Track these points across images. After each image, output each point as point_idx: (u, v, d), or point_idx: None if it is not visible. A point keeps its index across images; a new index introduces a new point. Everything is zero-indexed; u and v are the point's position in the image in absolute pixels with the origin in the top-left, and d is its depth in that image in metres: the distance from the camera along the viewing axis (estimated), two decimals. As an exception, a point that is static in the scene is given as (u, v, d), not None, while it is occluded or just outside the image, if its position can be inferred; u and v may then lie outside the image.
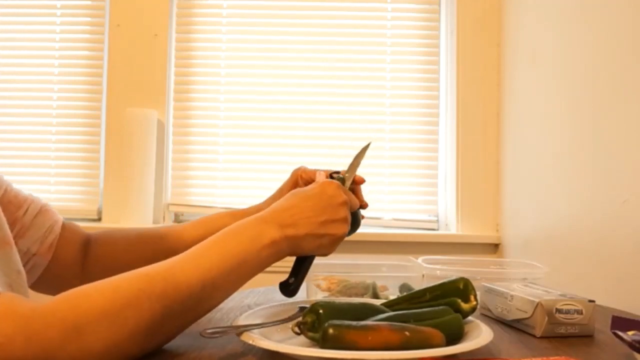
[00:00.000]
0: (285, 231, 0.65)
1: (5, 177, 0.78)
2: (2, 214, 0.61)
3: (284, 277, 0.73)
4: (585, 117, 1.27)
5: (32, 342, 0.44)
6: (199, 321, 0.72)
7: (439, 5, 1.97)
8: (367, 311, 0.67)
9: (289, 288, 0.71)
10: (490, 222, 1.85)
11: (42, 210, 0.81)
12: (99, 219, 1.92)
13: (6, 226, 0.61)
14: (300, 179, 0.89)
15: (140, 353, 0.53)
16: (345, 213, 0.70)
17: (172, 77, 1.97)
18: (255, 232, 0.63)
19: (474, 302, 0.69)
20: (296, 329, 0.61)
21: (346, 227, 0.70)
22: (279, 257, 0.66)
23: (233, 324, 0.63)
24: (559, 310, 0.70)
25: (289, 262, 0.72)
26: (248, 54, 1.98)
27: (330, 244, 0.69)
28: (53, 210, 0.83)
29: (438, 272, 0.94)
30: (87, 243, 0.84)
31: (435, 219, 1.95)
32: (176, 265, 0.57)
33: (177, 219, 1.97)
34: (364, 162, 0.85)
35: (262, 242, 0.63)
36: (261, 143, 1.94)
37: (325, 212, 0.68)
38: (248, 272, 0.62)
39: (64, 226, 0.83)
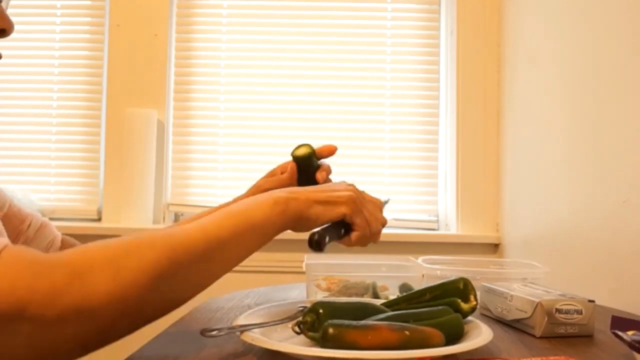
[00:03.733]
0: (289, 195, 0.65)
1: (8, 190, 0.81)
2: (1, 226, 0.62)
3: (284, 277, 0.74)
4: (585, 117, 1.27)
5: (38, 282, 0.45)
6: (199, 321, 0.72)
7: (439, 5, 1.97)
8: (367, 311, 0.67)
9: (313, 239, 0.68)
10: (490, 222, 1.85)
11: (43, 225, 0.86)
12: (99, 219, 1.92)
13: (5, 235, 0.63)
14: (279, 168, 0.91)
15: (150, 301, 0.52)
16: (346, 186, 0.71)
17: (172, 77, 1.97)
18: (259, 197, 0.64)
19: (474, 302, 0.69)
20: (296, 329, 0.61)
21: (352, 194, 0.69)
22: (287, 218, 0.64)
23: (233, 324, 0.63)
24: (558, 310, 0.70)
25: (289, 262, 0.72)
26: (248, 54, 1.98)
27: (338, 205, 0.68)
28: (52, 226, 0.89)
29: (438, 272, 0.94)
30: None
31: (435, 219, 1.95)
32: (179, 227, 0.58)
33: (177, 219, 1.97)
34: (363, 161, 0.85)
35: (266, 201, 0.63)
36: (261, 143, 1.94)
37: (325, 187, 0.71)
38: (254, 230, 0.61)
39: (63, 240, 0.89)
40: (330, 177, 0.89)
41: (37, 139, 1.97)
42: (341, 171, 0.98)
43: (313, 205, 0.66)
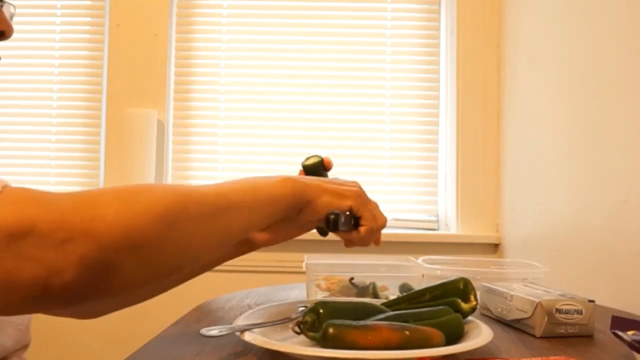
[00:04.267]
0: (301, 180, 0.67)
1: (4, 178, 0.80)
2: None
3: (284, 277, 0.74)
4: (585, 117, 1.27)
5: (46, 206, 0.46)
6: (199, 321, 0.72)
7: (439, 5, 1.97)
8: (367, 311, 0.67)
9: (329, 217, 0.67)
10: (490, 222, 1.85)
11: None
12: (99, 219, 1.92)
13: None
14: None
15: (160, 241, 0.50)
16: (352, 183, 0.72)
17: (172, 77, 1.97)
18: (270, 176, 0.65)
19: (474, 302, 0.69)
20: (296, 329, 0.61)
21: (357, 190, 0.70)
22: (294, 197, 0.64)
23: (233, 324, 0.63)
24: (558, 310, 0.70)
25: (289, 262, 0.72)
26: (248, 54, 1.98)
27: (343, 197, 0.69)
28: None
29: (438, 272, 0.94)
30: None
31: (435, 219, 1.95)
32: (187, 185, 0.59)
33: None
34: (363, 161, 0.86)
35: (272, 180, 0.64)
36: (261, 143, 1.94)
37: (336, 181, 0.72)
38: (262, 202, 0.62)
39: None
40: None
41: (37, 139, 1.97)
42: (341, 171, 0.98)
43: (322, 194, 0.67)
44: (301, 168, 0.87)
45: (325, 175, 0.87)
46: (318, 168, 0.85)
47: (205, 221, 0.55)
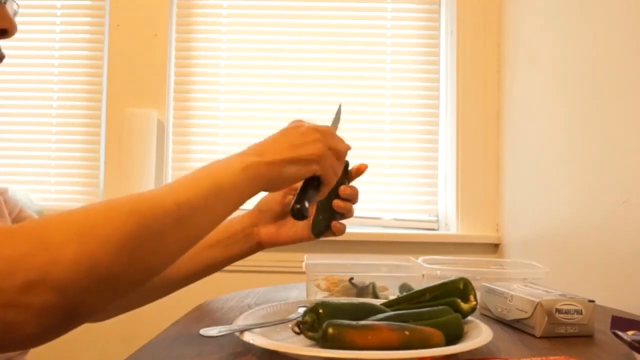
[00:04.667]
0: (260, 158, 0.64)
1: (4, 178, 0.80)
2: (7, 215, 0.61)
3: (284, 277, 0.74)
4: (585, 117, 1.27)
5: None
6: (199, 321, 0.72)
7: (439, 5, 1.97)
8: (367, 311, 0.67)
9: (293, 210, 0.69)
10: (490, 222, 1.85)
11: None
12: (99, 219, 1.92)
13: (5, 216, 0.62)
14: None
15: (121, 271, 0.48)
16: (314, 136, 0.69)
17: (172, 77, 1.97)
18: (228, 160, 0.63)
19: (474, 302, 0.69)
20: (296, 329, 0.61)
21: (321, 146, 0.68)
22: (259, 183, 0.63)
23: (233, 324, 0.63)
24: (558, 310, 0.70)
25: (289, 262, 0.72)
26: (248, 54, 1.98)
27: (309, 163, 0.67)
28: None
29: (438, 272, 0.94)
30: None
31: (435, 219, 1.95)
32: (148, 191, 0.55)
33: (177, 219, 1.97)
34: (363, 161, 0.86)
35: (235, 166, 0.62)
36: (261, 143, 1.94)
37: (293, 139, 0.68)
38: (226, 194, 0.60)
39: None
40: None
41: (37, 139, 1.97)
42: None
43: (285, 166, 0.65)
44: None
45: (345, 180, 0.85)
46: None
47: (167, 235, 0.52)
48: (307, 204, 0.68)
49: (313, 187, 0.71)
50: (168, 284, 0.82)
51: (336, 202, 0.81)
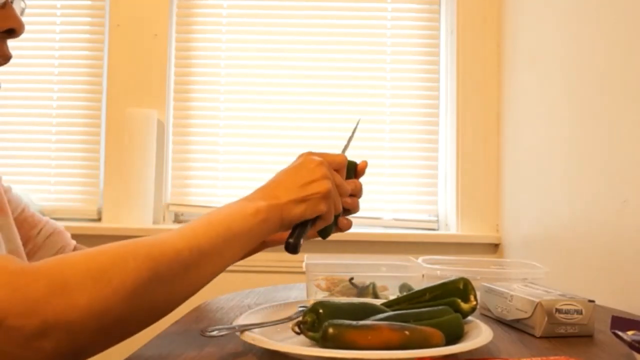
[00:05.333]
0: (269, 202, 0.65)
1: (4, 178, 0.80)
2: (15, 230, 0.61)
3: (284, 277, 0.74)
4: (585, 117, 1.27)
5: (17, 294, 0.44)
6: (199, 321, 0.72)
7: (439, 5, 1.97)
8: (367, 311, 0.67)
9: (288, 244, 0.70)
10: (490, 222, 1.85)
11: (55, 233, 0.85)
12: (99, 219, 1.92)
13: (19, 241, 0.62)
14: None
15: (131, 315, 0.51)
16: (322, 172, 0.70)
17: (172, 77, 1.97)
18: (239, 206, 0.64)
19: (474, 302, 0.69)
20: (296, 329, 0.61)
21: (328, 183, 0.69)
22: (269, 226, 0.65)
23: (233, 324, 0.63)
24: (558, 310, 0.70)
25: (289, 262, 0.72)
26: (248, 54, 1.98)
27: (317, 203, 0.69)
28: (66, 234, 0.87)
29: (438, 272, 0.94)
30: None
31: (435, 219, 1.95)
32: (161, 235, 0.57)
33: (177, 219, 1.97)
34: (363, 160, 0.86)
35: (246, 211, 0.63)
36: (261, 143, 1.94)
37: (302, 177, 0.69)
38: (237, 240, 0.61)
39: (75, 249, 0.87)
40: None
41: (37, 139, 1.97)
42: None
43: (294, 207, 0.67)
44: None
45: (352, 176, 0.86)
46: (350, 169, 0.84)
47: (177, 280, 0.55)
48: (301, 241, 0.70)
49: (310, 221, 0.71)
50: None
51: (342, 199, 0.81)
